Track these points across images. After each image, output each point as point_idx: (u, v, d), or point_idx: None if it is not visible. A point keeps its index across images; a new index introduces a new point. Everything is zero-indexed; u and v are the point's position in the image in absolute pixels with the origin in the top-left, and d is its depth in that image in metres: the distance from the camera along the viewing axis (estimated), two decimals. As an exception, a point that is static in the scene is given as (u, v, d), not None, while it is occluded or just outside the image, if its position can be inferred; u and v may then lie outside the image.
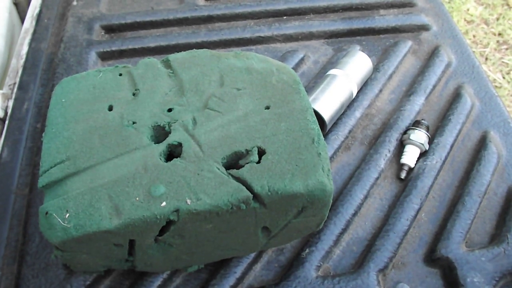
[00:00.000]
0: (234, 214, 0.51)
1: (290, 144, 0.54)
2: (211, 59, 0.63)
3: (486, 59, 1.94)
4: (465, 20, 2.12)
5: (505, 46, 1.99)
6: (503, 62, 1.92)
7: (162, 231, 0.52)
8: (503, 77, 1.87)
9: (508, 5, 2.17)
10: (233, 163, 0.54)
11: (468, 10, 2.18)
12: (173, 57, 0.64)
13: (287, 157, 0.53)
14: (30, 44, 0.92)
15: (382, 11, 0.97)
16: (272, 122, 0.56)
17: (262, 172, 0.52)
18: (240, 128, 0.55)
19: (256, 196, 0.51)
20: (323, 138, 0.56)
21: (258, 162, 0.53)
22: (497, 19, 2.13)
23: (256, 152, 0.54)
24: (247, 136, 0.55)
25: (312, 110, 0.58)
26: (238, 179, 0.51)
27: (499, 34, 2.03)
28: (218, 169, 0.52)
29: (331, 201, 0.56)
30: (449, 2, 2.20)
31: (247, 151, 0.54)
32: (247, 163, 0.53)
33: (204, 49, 0.65)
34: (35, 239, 0.67)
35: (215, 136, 0.55)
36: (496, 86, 1.81)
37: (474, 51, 0.87)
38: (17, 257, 0.66)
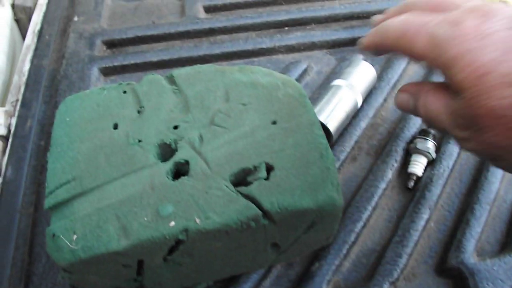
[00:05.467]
0: (244, 232, 0.51)
1: (298, 159, 0.53)
2: (215, 74, 0.62)
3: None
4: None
5: (506, 49, 1.98)
6: (504, 65, 1.92)
7: (171, 250, 0.51)
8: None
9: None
10: (241, 180, 0.54)
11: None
12: (177, 73, 0.63)
13: (296, 173, 0.52)
14: (32, 61, 0.92)
15: (384, 19, 0.97)
16: (279, 137, 0.55)
17: (271, 188, 0.51)
18: (247, 144, 0.55)
19: (265, 213, 0.50)
20: (332, 152, 0.55)
21: (267, 178, 0.52)
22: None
23: (264, 168, 0.53)
24: (255, 152, 0.54)
25: (319, 124, 0.57)
26: (247, 196, 0.51)
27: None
28: (227, 186, 0.51)
29: (341, 215, 0.56)
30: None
31: (255, 168, 0.53)
32: (255, 180, 0.52)
33: (208, 64, 0.64)
34: (42, 259, 0.66)
35: (222, 153, 0.54)
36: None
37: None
38: (23, 277, 0.65)
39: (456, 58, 0.41)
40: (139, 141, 0.56)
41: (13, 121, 0.83)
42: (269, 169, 0.53)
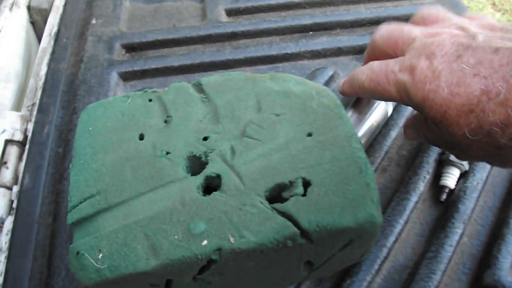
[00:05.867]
0: (279, 251, 0.48)
1: (336, 174, 0.50)
2: (246, 83, 0.60)
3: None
4: (482, 27, 2.08)
5: (526, 54, 1.94)
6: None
7: (202, 269, 0.48)
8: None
9: (527, 11, 2.13)
10: (276, 196, 0.51)
11: (485, 17, 2.15)
12: (205, 80, 0.60)
13: (334, 189, 0.49)
14: (49, 65, 0.89)
15: (411, 24, 0.94)
16: (315, 151, 0.52)
17: (308, 205, 0.48)
18: (282, 157, 0.52)
19: (303, 232, 0.47)
20: (371, 167, 0.52)
21: (304, 194, 0.49)
22: (516, 25, 2.09)
23: (301, 183, 0.50)
24: (290, 166, 0.51)
25: (357, 137, 0.54)
26: (283, 214, 0.48)
27: (519, 41, 1.99)
28: (262, 203, 0.48)
29: (379, 232, 0.53)
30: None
31: (291, 183, 0.50)
32: (291, 196, 0.49)
33: (238, 72, 0.61)
34: (61, 272, 0.64)
35: (256, 166, 0.51)
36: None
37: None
38: (42, 291, 0.63)
39: (422, 101, 0.50)
40: (167, 153, 0.54)
41: (30, 126, 0.81)
42: (306, 184, 0.50)
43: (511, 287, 0.62)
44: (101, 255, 0.47)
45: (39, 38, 1.07)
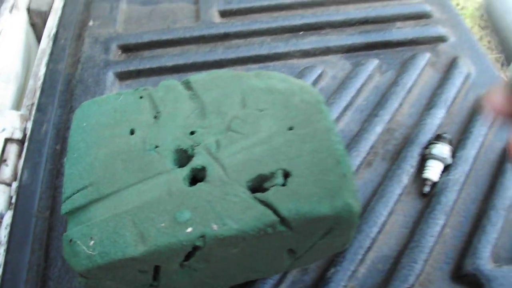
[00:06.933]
0: (260, 238, 0.51)
1: (315, 166, 0.53)
2: (232, 80, 0.62)
3: (502, 64, 1.92)
4: (479, 26, 2.10)
5: (521, 52, 1.96)
6: (519, 67, 1.90)
7: (188, 256, 0.51)
8: (520, 84, 1.84)
9: (522, 10, 2.15)
10: (258, 186, 0.53)
11: (482, 16, 2.17)
12: (194, 78, 0.63)
13: (313, 179, 0.52)
14: (47, 65, 0.92)
15: (398, 24, 0.96)
16: (296, 144, 0.55)
17: (288, 195, 0.51)
18: (264, 150, 0.55)
19: (282, 220, 0.50)
20: (348, 159, 0.55)
21: (284, 184, 0.52)
22: (512, 24, 2.11)
23: (281, 174, 0.53)
24: (272, 159, 0.54)
25: (336, 130, 0.57)
26: (264, 202, 0.51)
27: (514, 39, 2.01)
28: (244, 193, 0.51)
29: (358, 221, 0.55)
30: (462, 9, 2.18)
31: (272, 174, 0.53)
32: (272, 186, 0.52)
33: (225, 70, 0.64)
34: (57, 263, 0.67)
35: (239, 159, 0.54)
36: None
37: (490, 57, 0.87)
38: (39, 282, 0.66)
39: None
40: (156, 146, 0.57)
41: (29, 125, 0.83)
42: (286, 175, 0.53)
43: (490, 275, 0.64)
44: (92, 242, 0.49)
45: (39, 40, 1.10)
